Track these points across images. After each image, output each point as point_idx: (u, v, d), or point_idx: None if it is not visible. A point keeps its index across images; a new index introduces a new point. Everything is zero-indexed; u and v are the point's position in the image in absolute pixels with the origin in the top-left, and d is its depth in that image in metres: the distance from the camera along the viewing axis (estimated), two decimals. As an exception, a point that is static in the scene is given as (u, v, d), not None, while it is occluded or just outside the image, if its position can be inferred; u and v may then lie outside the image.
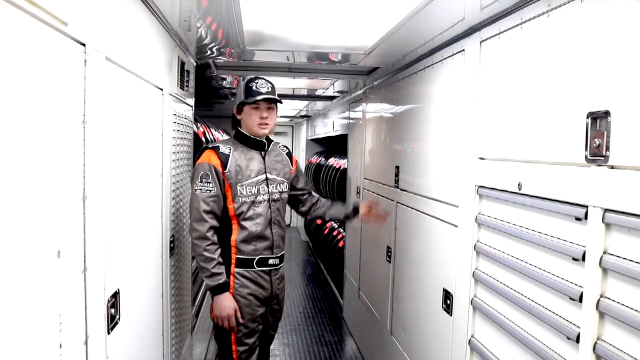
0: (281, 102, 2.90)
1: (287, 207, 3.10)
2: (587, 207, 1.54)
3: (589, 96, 1.56)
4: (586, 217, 1.55)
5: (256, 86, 2.80)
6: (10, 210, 1.04)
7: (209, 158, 2.74)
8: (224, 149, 2.78)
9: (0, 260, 1.01)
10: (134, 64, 1.99)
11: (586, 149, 1.55)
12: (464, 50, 2.46)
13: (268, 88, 2.81)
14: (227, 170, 2.73)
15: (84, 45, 1.41)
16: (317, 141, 9.99)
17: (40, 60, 1.17)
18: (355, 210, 3.19)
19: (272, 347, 4.31)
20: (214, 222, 2.70)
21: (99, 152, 1.54)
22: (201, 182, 2.69)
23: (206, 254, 2.65)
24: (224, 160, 2.74)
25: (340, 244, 6.19)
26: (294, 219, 11.86)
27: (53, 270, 1.24)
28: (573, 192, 1.61)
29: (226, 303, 2.70)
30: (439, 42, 2.72)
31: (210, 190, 2.69)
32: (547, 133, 1.78)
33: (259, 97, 2.77)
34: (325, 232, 7.28)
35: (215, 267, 2.66)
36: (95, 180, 1.51)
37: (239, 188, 2.75)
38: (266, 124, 2.84)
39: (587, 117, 1.55)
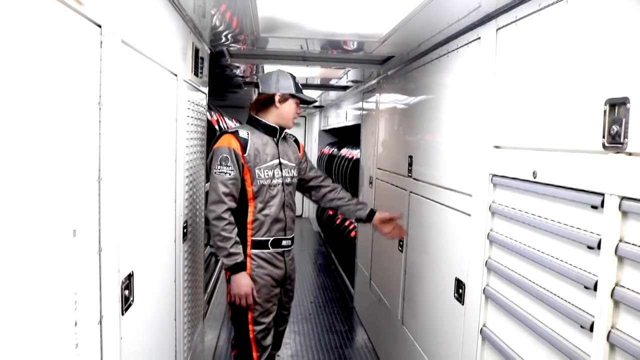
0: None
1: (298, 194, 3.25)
2: (603, 195, 1.53)
3: (607, 83, 1.54)
4: (602, 205, 1.53)
5: (300, 84, 3.02)
6: (28, 186, 1.05)
7: (228, 142, 2.82)
8: (242, 133, 2.87)
9: (20, 234, 1.02)
10: (149, 48, 1.99)
11: (603, 137, 1.53)
12: (480, 38, 2.44)
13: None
14: (246, 154, 2.83)
15: (100, 26, 1.42)
16: (330, 132, 9.97)
17: (56, 40, 1.18)
18: (370, 215, 3.20)
19: (282, 334, 4.33)
20: (232, 204, 2.78)
21: (114, 135, 1.55)
22: (220, 165, 2.77)
23: (224, 233, 2.73)
24: (243, 144, 2.83)
25: (352, 234, 6.19)
26: (305, 210, 11.87)
27: (69, 249, 1.25)
28: (589, 180, 1.59)
29: (244, 281, 2.78)
30: (454, 30, 2.70)
31: (230, 173, 2.76)
32: (563, 121, 1.76)
33: (314, 99, 3.11)
34: (337, 222, 7.29)
35: (232, 246, 2.74)
36: (110, 162, 1.51)
37: (257, 171, 2.85)
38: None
39: (605, 104, 1.53)
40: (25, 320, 1.05)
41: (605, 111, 1.53)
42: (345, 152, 6.97)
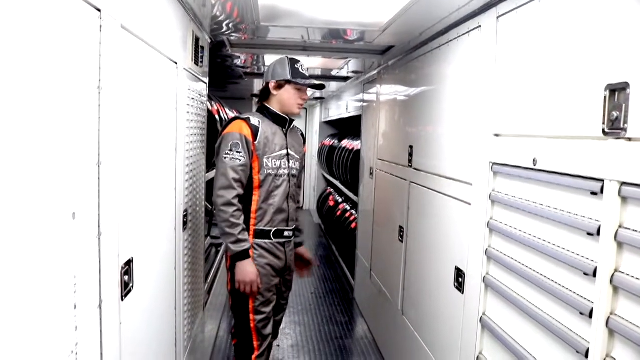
0: (324, 88, 3.09)
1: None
2: (603, 181, 1.53)
3: (607, 69, 1.54)
4: (602, 191, 1.53)
5: (302, 68, 2.92)
6: (27, 168, 1.05)
7: (240, 128, 2.79)
8: (254, 120, 2.85)
9: (19, 214, 1.02)
10: (148, 35, 1.98)
11: (603, 122, 1.53)
12: (480, 26, 2.44)
13: (308, 71, 2.95)
14: (257, 142, 2.81)
15: (99, 10, 1.41)
16: (330, 124, 9.97)
17: (55, 22, 1.17)
18: (297, 244, 3.23)
19: (283, 325, 4.38)
20: (241, 191, 2.77)
21: (113, 120, 1.55)
22: (231, 150, 2.74)
23: (232, 219, 2.71)
24: (254, 131, 2.81)
25: (353, 225, 6.20)
26: (306, 201, 11.87)
27: (68, 231, 1.25)
28: (589, 166, 1.59)
29: (249, 269, 2.77)
30: (455, 19, 2.69)
31: (240, 159, 2.75)
32: (563, 107, 1.76)
33: (314, 83, 2.93)
34: (338, 214, 7.29)
35: (240, 233, 2.74)
36: (110, 147, 1.51)
37: (265, 160, 2.83)
38: (302, 105, 2.99)
39: (605, 90, 1.52)
40: (24, 300, 1.05)
41: (605, 97, 1.52)
42: (345, 143, 6.97)
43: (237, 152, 2.74)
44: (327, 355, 4.34)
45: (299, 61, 2.94)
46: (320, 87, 3.03)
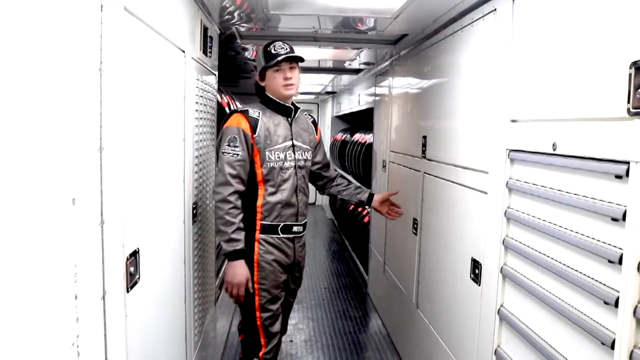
0: (302, 60, 2.82)
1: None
2: (628, 163, 1.45)
3: (632, 45, 1.46)
4: (627, 174, 1.45)
5: (274, 49, 2.75)
6: (24, 151, 1.00)
7: (238, 122, 2.70)
8: (252, 112, 2.74)
9: (16, 195, 0.97)
10: (154, 20, 1.93)
11: (628, 102, 1.45)
12: (495, 10, 2.36)
13: (287, 49, 2.77)
14: (256, 135, 2.70)
15: (99, -11, 1.37)
16: (342, 118, 9.92)
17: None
18: (370, 198, 3.17)
19: (296, 321, 4.32)
20: (240, 187, 2.67)
21: (116, 105, 1.49)
22: (229, 145, 2.65)
23: (227, 217, 2.62)
24: (253, 124, 2.71)
25: (366, 219, 6.14)
26: (319, 197, 11.83)
27: (68, 217, 1.19)
28: (613, 149, 1.52)
29: (239, 271, 2.65)
30: (469, 3, 2.61)
31: (238, 155, 2.65)
32: (584, 88, 1.68)
33: (280, 58, 2.72)
34: (351, 208, 7.23)
35: (234, 232, 2.62)
36: (112, 133, 1.46)
37: (267, 153, 2.72)
38: (291, 84, 2.79)
39: (630, 68, 1.44)
40: (20, 287, 1.00)
41: (630, 75, 1.45)
42: (358, 137, 6.91)
43: (235, 146, 2.65)
44: (340, 350, 4.29)
45: (273, 43, 2.78)
46: (297, 59, 2.81)
